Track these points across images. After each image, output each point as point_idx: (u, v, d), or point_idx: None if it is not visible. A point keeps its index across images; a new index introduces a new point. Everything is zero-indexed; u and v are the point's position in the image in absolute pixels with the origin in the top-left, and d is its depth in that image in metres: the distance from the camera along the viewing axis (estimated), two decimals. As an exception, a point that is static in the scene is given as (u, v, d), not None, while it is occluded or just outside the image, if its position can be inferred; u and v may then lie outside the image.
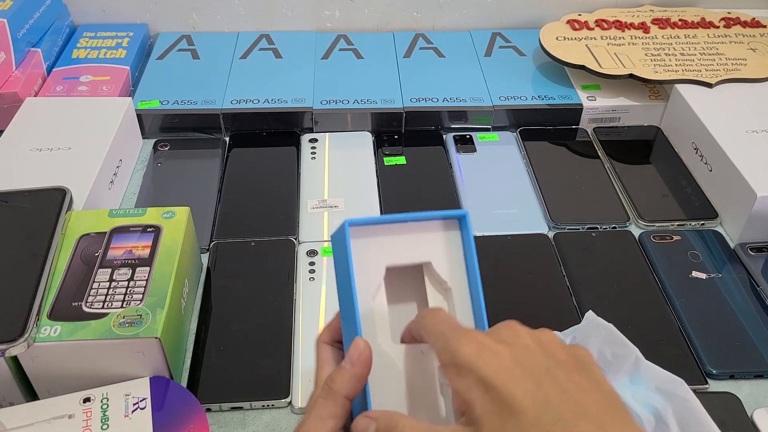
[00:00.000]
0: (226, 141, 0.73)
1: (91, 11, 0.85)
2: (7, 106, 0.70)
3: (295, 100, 0.74)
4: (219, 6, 0.85)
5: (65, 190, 0.54)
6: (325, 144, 0.73)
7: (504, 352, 0.31)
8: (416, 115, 0.74)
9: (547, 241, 0.62)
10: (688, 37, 0.80)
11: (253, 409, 0.49)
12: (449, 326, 0.33)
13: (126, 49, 0.81)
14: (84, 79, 0.76)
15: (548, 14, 0.87)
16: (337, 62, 0.81)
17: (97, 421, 0.44)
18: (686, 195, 0.68)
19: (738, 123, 0.68)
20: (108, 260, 0.50)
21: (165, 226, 0.53)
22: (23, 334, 0.43)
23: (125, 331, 0.45)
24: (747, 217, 0.61)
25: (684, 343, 0.53)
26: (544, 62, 0.81)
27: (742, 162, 0.62)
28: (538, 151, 0.73)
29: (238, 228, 0.62)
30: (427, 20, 0.89)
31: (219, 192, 0.67)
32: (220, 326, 0.54)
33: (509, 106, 0.75)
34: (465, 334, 0.32)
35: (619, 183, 0.69)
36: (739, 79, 0.74)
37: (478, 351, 0.31)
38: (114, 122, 0.66)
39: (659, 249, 0.61)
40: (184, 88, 0.76)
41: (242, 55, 0.82)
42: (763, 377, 0.52)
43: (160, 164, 0.70)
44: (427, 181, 0.69)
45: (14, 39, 0.73)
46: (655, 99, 0.76)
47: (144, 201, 0.66)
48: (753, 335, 0.54)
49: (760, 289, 0.58)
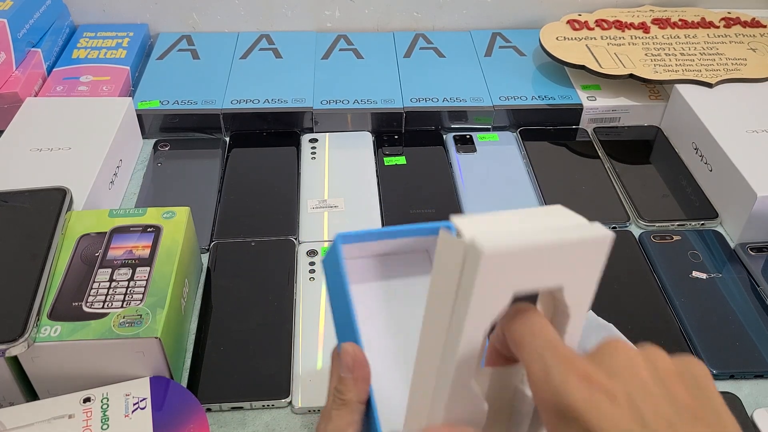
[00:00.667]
0: (226, 141, 0.73)
1: (91, 11, 0.85)
2: (7, 106, 0.70)
3: (295, 100, 0.74)
4: (219, 6, 0.86)
5: (65, 190, 0.54)
6: (325, 144, 0.73)
7: (620, 395, 0.25)
8: (416, 115, 0.74)
9: (547, 241, 0.62)
10: (688, 37, 0.80)
11: (253, 409, 0.49)
12: (549, 344, 0.27)
13: (126, 49, 0.81)
14: (84, 79, 0.76)
15: (548, 14, 0.87)
16: (337, 62, 0.81)
17: (97, 421, 0.44)
18: (686, 195, 0.68)
19: (738, 123, 0.68)
20: (108, 260, 0.50)
21: (165, 226, 0.53)
22: (23, 334, 0.43)
23: (125, 331, 0.45)
24: (747, 217, 0.61)
25: (684, 343, 0.53)
26: (544, 62, 0.81)
27: (742, 162, 0.62)
28: (538, 151, 0.73)
29: (238, 228, 0.63)
30: (427, 20, 0.89)
31: (219, 192, 0.67)
32: (220, 326, 0.54)
33: (509, 106, 0.75)
34: (571, 365, 0.26)
35: (619, 183, 0.69)
36: (739, 79, 0.74)
37: (589, 395, 0.25)
38: (114, 122, 0.66)
39: (659, 249, 0.61)
40: (184, 88, 0.76)
41: (242, 55, 0.82)
42: (763, 377, 0.52)
43: (160, 164, 0.70)
44: (427, 181, 0.69)
45: (14, 39, 0.73)
46: (655, 99, 0.76)
47: (144, 201, 0.66)
48: (753, 335, 0.54)
49: (760, 289, 0.58)
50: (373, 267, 0.41)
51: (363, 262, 0.41)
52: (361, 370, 0.35)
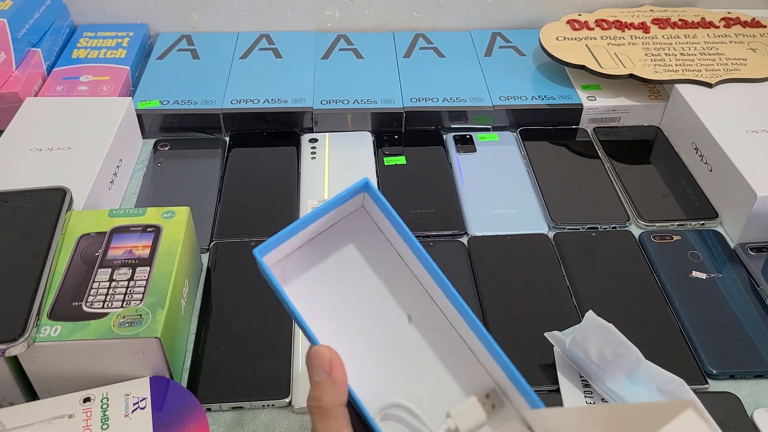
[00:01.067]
0: (226, 141, 0.73)
1: (91, 11, 0.85)
2: (7, 106, 0.70)
3: (295, 100, 0.74)
4: (219, 6, 0.86)
5: (65, 190, 0.54)
6: (325, 144, 0.73)
7: None
8: (416, 115, 0.74)
9: (547, 241, 0.62)
10: (688, 37, 0.80)
11: (253, 409, 0.49)
12: None
13: (126, 49, 0.81)
14: (84, 79, 0.76)
15: (548, 14, 0.87)
16: (337, 62, 0.81)
17: (97, 421, 0.44)
18: (686, 195, 0.68)
19: (738, 123, 0.68)
20: (108, 260, 0.50)
21: (165, 226, 0.53)
22: (23, 334, 0.43)
23: (125, 331, 0.45)
24: (747, 217, 0.61)
25: (684, 343, 0.53)
26: (544, 62, 0.81)
27: (742, 162, 0.62)
28: (538, 151, 0.73)
29: (238, 228, 0.63)
30: (427, 20, 0.89)
31: (219, 192, 0.67)
32: (220, 326, 0.54)
33: (509, 106, 0.75)
34: None
35: (619, 183, 0.69)
36: (739, 79, 0.74)
37: None
38: (114, 122, 0.66)
39: (659, 249, 0.61)
40: (184, 88, 0.76)
41: (242, 55, 0.82)
42: (763, 377, 0.52)
43: (160, 164, 0.70)
44: (427, 181, 0.69)
45: (14, 39, 0.73)
46: (655, 99, 0.76)
47: (144, 201, 0.66)
48: (753, 335, 0.54)
49: (760, 289, 0.58)
50: (305, 255, 0.42)
51: (294, 256, 0.41)
52: (338, 371, 0.34)
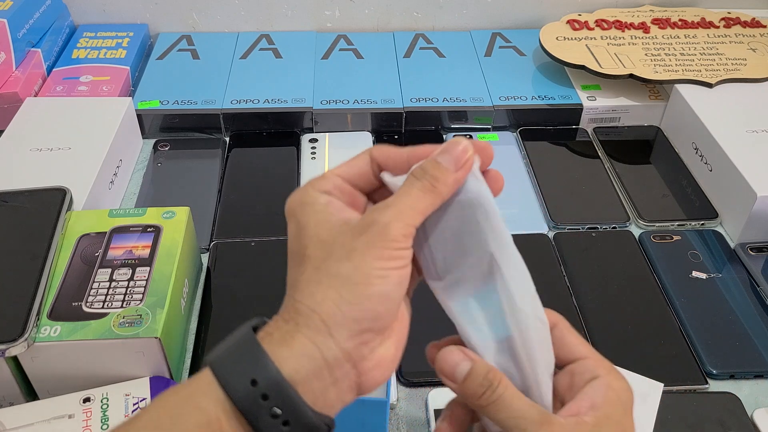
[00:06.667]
0: (226, 141, 0.73)
1: (91, 11, 0.85)
2: (7, 106, 0.70)
3: (295, 100, 0.74)
4: (219, 6, 0.85)
5: (65, 190, 0.54)
6: (325, 144, 0.73)
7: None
8: (416, 115, 0.74)
9: (547, 241, 0.62)
10: (688, 37, 0.80)
11: (253, 409, 0.49)
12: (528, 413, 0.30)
13: (126, 49, 0.81)
14: (84, 79, 0.76)
15: (548, 14, 0.87)
16: (337, 62, 0.81)
17: (97, 421, 0.44)
18: (686, 195, 0.68)
19: (738, 123, 0.68)
20: (108, 260, 0.50)
21: (165, 226, 0.53)
22: (23, 334, 0.43)
23: (125, 331, 0.45)
24: (747, 217, 0.61)
25: (684, 343, 0.53)
26: (544, 62, 0.81)
27: (742, 162, 0.62)
28: (538, 151, 0.73)
29: (238, 228, 0.62)
30: (427, 20, 0.89)
31: (219, 192, 0.67)
32: (220, 326, 0.54)
33: (509, 106, 0.75)
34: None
35: (619, 183, 0.69)
36: (739, 79, 0.74)
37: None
38: (114, 122, 0.66)
39: (659, 249, 0.61)
40: (184, 88, 0.76)
41: (242, 55, 0.82)
42: (763, 377, 0.52)
43: (160, 164, 0.70)
44: (427, 181, 0.69)
45: (14, 39, 0.73)
46: (655, 99, 0.76)
47: (144, 201, 0.66)
48: (753, 335, 0.54)
49: (760, 289, 0.58)
50: None
51: None
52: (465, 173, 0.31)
